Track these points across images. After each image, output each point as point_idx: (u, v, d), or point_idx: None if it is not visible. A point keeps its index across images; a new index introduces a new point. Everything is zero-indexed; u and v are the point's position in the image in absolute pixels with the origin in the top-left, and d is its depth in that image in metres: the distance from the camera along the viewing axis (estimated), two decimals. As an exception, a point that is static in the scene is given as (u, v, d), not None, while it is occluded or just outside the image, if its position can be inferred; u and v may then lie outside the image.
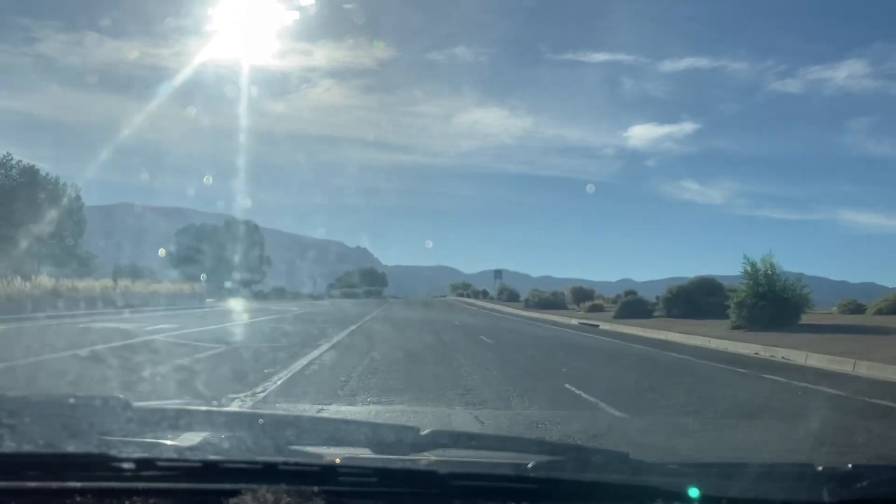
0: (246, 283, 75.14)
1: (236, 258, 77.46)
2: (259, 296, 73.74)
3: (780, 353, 18.72)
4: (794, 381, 13.57)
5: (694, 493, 1.79)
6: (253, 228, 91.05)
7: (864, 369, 15.19)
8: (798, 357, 17.82)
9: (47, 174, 60.98)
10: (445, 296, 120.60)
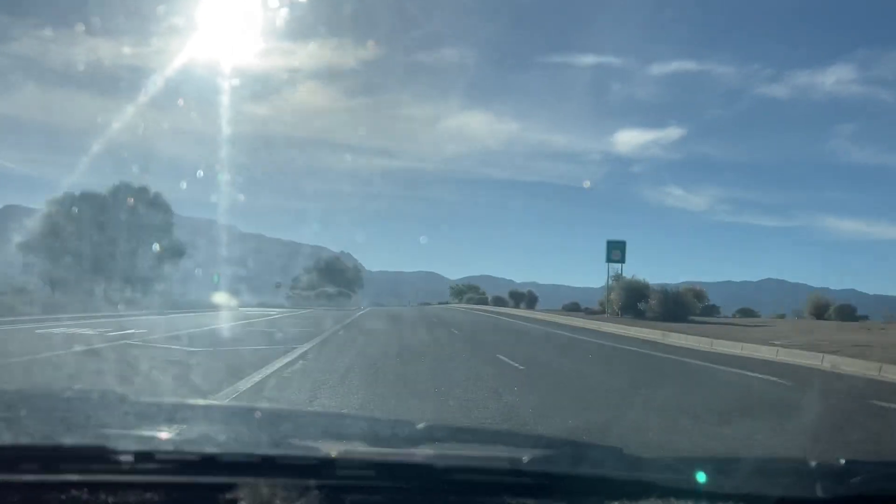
0: (142, 286, 50.60)
1: (120, 245, 51.18)
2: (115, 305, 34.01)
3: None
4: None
5: (701, 477, 1.82)
6: (152, 203, 58.26)
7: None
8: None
9: None
10: (448, 303, 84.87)
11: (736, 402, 10.91)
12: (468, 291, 79.15)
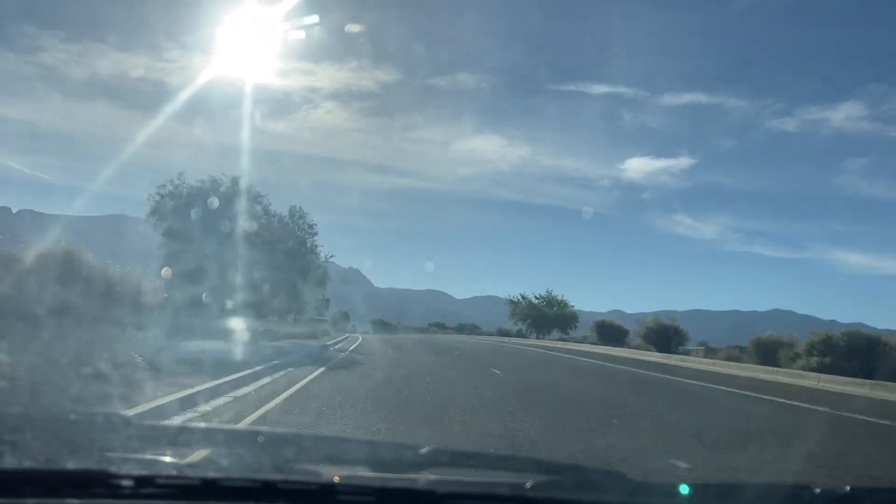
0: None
1: None
2: None
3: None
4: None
5: (684, 489, 1.80)
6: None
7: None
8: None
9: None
10: (510, 335, 57.66)
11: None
12: (552, 306, 42.08)
